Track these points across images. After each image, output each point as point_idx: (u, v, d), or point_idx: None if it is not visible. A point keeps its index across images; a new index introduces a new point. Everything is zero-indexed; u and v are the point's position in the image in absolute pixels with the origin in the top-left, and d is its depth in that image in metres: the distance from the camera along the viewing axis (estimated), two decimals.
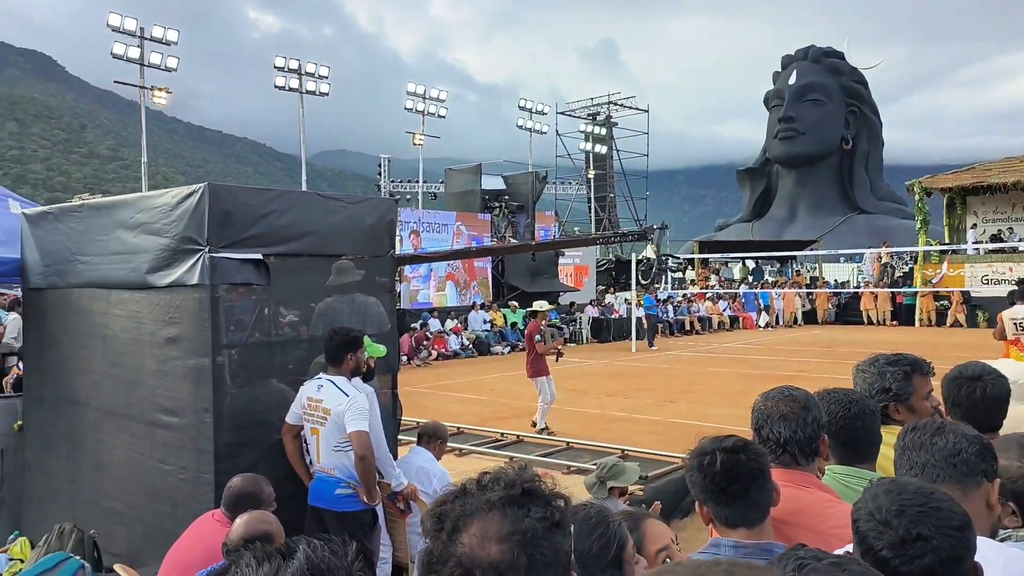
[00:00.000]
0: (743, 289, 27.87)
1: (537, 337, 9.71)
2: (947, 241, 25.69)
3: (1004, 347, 9.06)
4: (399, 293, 20.14)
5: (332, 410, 3.94)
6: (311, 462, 4.14)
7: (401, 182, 40.69)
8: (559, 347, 10.35)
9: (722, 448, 1.83)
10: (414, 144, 33.79)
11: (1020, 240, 23.84)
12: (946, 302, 24.04)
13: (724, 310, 26.29)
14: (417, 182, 36.72)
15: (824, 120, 45.78)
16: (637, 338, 19.82)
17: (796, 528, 1.91)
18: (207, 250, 3.85)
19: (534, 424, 9.63)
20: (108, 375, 4.57)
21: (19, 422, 5.37)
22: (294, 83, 28.10)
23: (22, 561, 4.42)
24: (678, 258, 30.80)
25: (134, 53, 24.75)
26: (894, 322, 25.46)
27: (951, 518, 1.38)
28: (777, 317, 26.89)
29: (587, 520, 1.65)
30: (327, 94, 29.22)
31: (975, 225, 25.75)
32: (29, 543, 4.64)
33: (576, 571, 1.14)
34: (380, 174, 39.78)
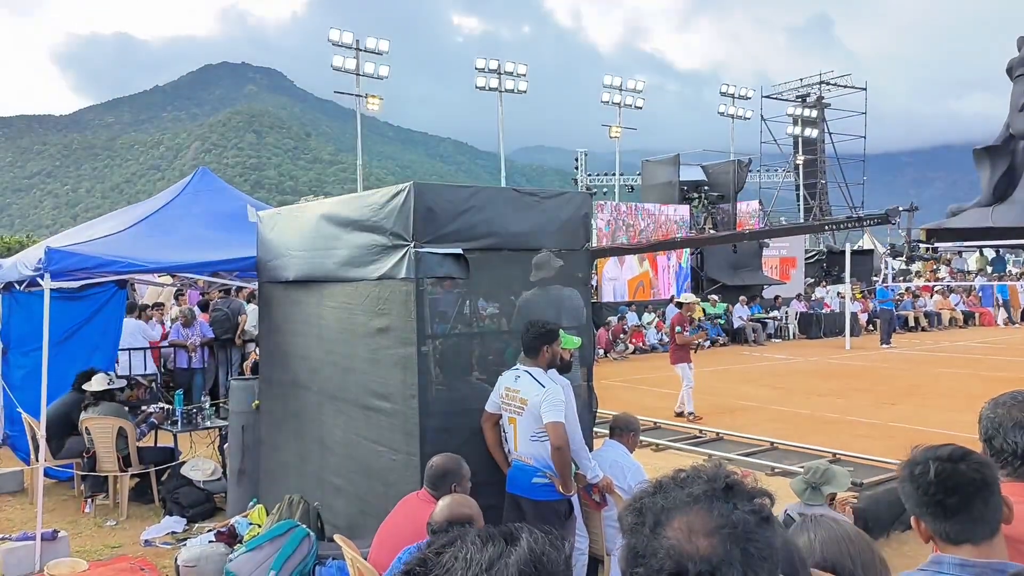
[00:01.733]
0: (980, 282, 24.85)
1: (678, 328, 10.27)
2: None
3: None
4: (595, 286, 20.22)
5: (529, 400, 4.01)
6: (509, 450, 4.24)
7: (598, 175, 40.70)
8: (699, 340, 11.14)
9: (936, 457, 1.67)
10: (611, 137, 33.72)
11: None
12: None
13: (956, 305, 23.60)
14: (614, 175, 36.60)
15: None
16: (852, 334, 18.36)
17: None
18: (412, 245, 4.06)
19: (680, 413, 9.95)
20: (325, 361, 4.99)
21: (256, 401, 6.01)
22: (494, 83, 29.12)
23: (259, 526, 4.95)
24: (925, 244, 27.94)
25: (351, 64, 26.93)
26: None
27: None
28: (1022, 314, 23.71)
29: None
30: (525, 91, 29.97)
31: None
32: (265, 510, 5.18)
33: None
34: (577, 168, 40.06)
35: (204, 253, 6.14)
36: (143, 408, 7.51)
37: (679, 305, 11.29)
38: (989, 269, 27.53)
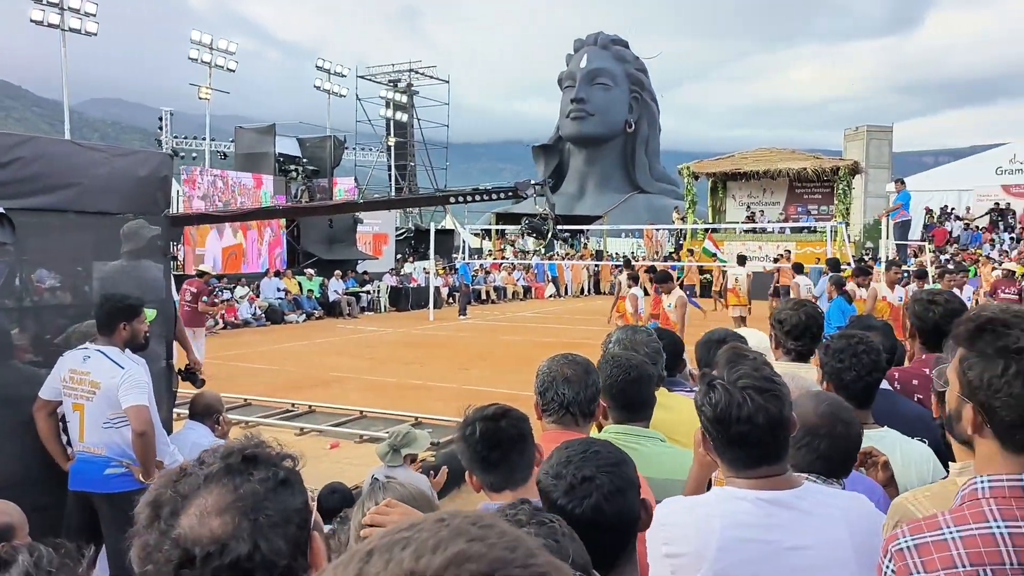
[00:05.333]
0: (536, 260, 29.05)
1: (204, 299, 11.17)
2: (710, 221, 28.30)
3: None
4: (178, 257, 18.82)
5: (103, 383, 3.60)
6: (71, 442, 3.75)
7: (186, 139, 37.64)
8: (220, 310, 13.21)
9: (482, 417, 1.90)
10: (200, 98, 31.36)
11: (769, 222, 26.94)
12: (708, 276, 26.53)
13: (518, 280, 27.27)
14: (204, 139, 34.17)
15: (611, 104, 48.53)
16: (435, 307, 20.00)
17: None
18: None
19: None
20: None
21: None
22: (54, 18, 24.85)
23: None
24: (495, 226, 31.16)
25: None
26: None
27: (608, 457, 1.58)
28: (566, 288, 28.37)
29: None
30: (95, 34, 26.20)
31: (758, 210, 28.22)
32: None
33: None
34: (161, 128, 36.50)
35: None
36: None
37: (200, 274, 12.05)
38: (542, 250, 32.28)
